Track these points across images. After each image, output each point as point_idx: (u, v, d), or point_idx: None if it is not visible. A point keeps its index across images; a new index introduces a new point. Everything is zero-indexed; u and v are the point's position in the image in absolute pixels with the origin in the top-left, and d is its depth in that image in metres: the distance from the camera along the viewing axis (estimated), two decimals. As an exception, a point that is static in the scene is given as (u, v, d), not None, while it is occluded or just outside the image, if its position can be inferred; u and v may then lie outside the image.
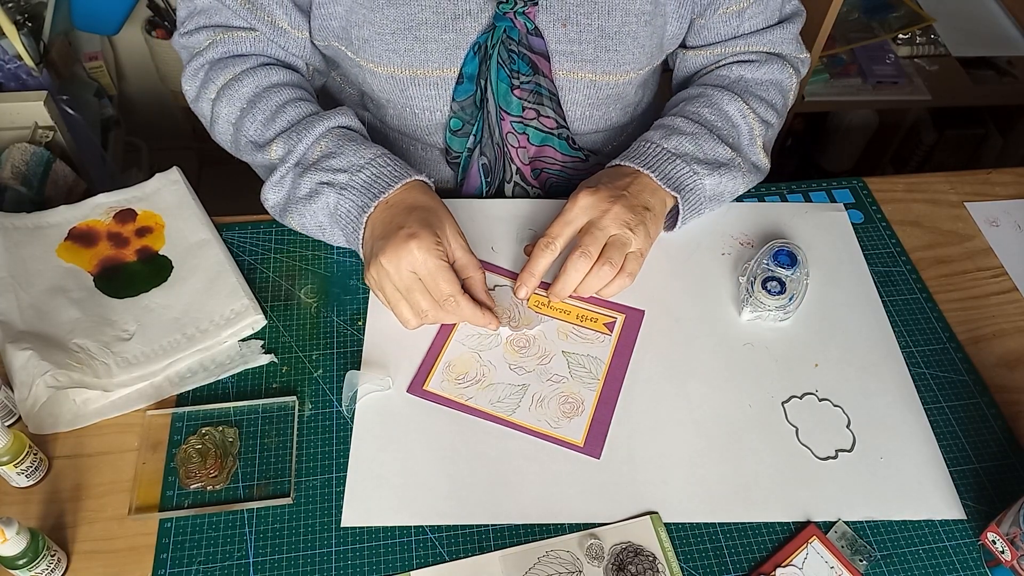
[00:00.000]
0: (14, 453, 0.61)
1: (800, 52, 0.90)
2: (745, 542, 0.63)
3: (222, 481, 0.65)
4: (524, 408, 0.70)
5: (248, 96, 0.79)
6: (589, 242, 0.73)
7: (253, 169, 0.83)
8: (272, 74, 0.80)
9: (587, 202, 0.74)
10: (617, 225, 0.73)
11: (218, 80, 0.80)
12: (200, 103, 0.83)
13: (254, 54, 0.82)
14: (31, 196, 0.99)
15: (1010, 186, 0.92)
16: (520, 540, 0.63)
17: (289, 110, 0.78)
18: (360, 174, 0.73)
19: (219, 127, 0.81)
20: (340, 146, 0.75)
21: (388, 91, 0.82)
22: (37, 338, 0.69)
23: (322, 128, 0.76)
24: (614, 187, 0.75)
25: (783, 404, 0.71)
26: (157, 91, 1.73)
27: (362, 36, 0.78)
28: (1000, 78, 1.56)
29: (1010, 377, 0.75)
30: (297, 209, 0.75)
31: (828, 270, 0.81)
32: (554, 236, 0.74)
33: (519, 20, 0.77)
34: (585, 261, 0.72)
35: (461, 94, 0.81)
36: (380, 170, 0.73)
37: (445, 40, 0.77)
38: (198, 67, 0.82)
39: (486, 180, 0.88)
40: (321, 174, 0.74)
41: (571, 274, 0.73)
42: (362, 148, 0.75)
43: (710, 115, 0.82)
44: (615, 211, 0.73)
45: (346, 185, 0.73)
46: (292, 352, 0.73)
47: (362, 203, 0.72)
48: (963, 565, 0.63)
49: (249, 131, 0.79)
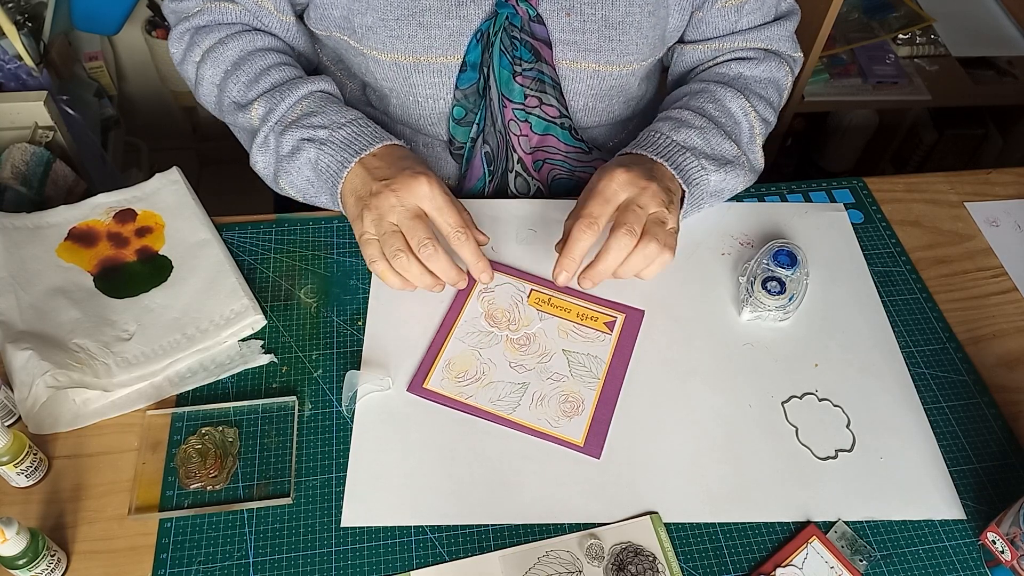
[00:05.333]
0: (14, 453, 0.61)
1: (795, 51, 0.90)
2: (745, 542, 0.63)
3: (222, 481, 0.65)
4: (524, 407, 0.70)
5: (233, 59, 0.81)
6: (633, 220, 0.69)
7: (237, 137, 0.85)
8: (257, 39, 0.82)
9: (625, 178, 0.71)
10: (656, 203, 0.71)
11: (203, 43, 0.82)
12: (185, 65, 0.85)
13: (240, 23, 0.84)
14: (31, 196, 0.98)
15: (1010, 186, 0.92)
16: (520, 540, 0.63)
17: (273, 73, 0.79)
18: (340, 131, 0.74)
19: (203, 88, 0.83)
20: (321, 106, 0.76)
21: (391, 79, 0.82)
22: (37, 338, 0.69)
23: (304, 91, 0.77)
24: (644, 168, 0.73)
25: (783, 404, 0.71)
26: (157, 91, 1.73)
27: (365, 23, 0.78)
28: (1000, 78, 1.56)
29: (1010, 377, 0.75)
30: (284, 168, 0.76)
31: (828, 270, 0.81)
32: (596, 216, 0.70)
33: (521, 7, 0.77)
34: (630, 239, 0.69)
35: (464, 82, 0.81)
36: (361, 129, 0.74)
37: (448, 27, 0.78)
38: (184, 30, 0.84)
39: (489, 169, 0.88)
40: (301, 131, 0.75)
41: (614, 253, 0.69)
42: (343, 109, 0.77)
43: (714, 111, 0.82)
44: (653, 189, 0.71)
45: (326, 140, 0.74)
46: (292, 352, 0.73)
47: (342, 158, 0.73)
48: (963, 565, 0.63)
49: (232, 92, 0.80)
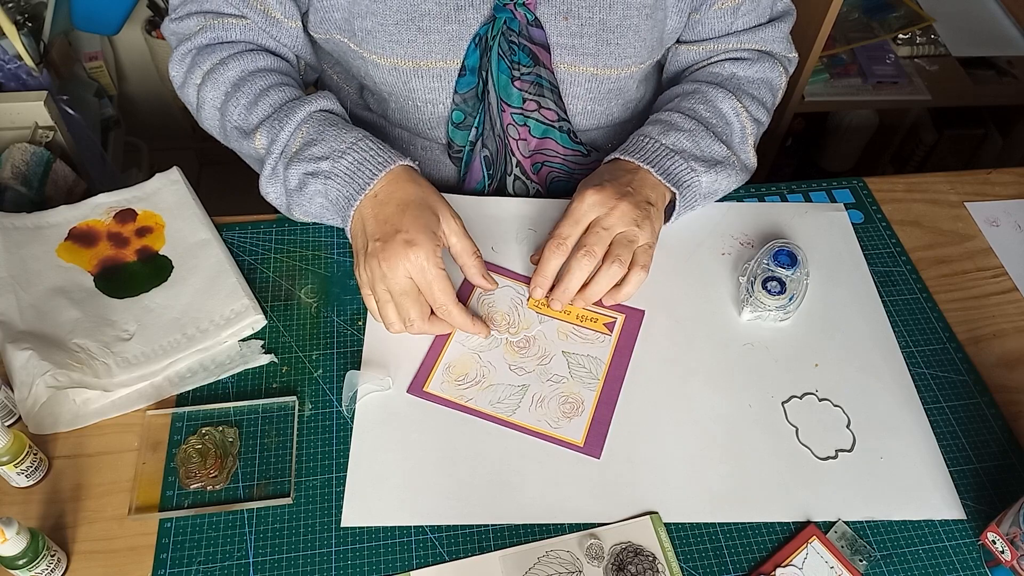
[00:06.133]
0: (14, 453, 0.61)
1: (789, 51, 0.91)
2: (745, 542, 0.63)
3: (222, 481, 0.65)
4: (524, 408, 0.70)
5: (233, 80, 0.79)
6: (593, 241, 0.72)
7: (245, 160, 0.82)
8: (258, 59, 0.80)
9: (594, 199, 0.73)
10: (624, 223, 0.72)
11: (204, 65, 0.80)
12: (186, 89, 0.82)
13: (243, 41, 0.81)
14: (31, 196, 0.99)
15: (1010, 186, 0.92)
16: (520, 540, 0.63)
17: (272, 94, 0.77)
18: (342, 161, 0.72)
19: (205, 113, 0.81)
20: (320, 132, 0.74)
21: (391, 83, 0.82)
22: (37, 338, 0.69)
23: (302, 114, 0.75)
24: (619, 184, 0.74)
25: (783, 404, 0.71)
26: (157, 91, 1.73)
27: (365, 27, 0.78)
28: (1000, 78, 1.56)
29: (1010, 377, 0.75)
30: (296, 201, 0.75)
31: (828, 270, 0.81)
32: (564, 236, 0.72)
33: (519, 11, 0.77)
34: (589, 260, 0.71)
35: (463, 86, 0.81)
36: (362, 155, 0.72)
37: (448, 31, 0.77)
38: (185, 52, 0.81)
39: (488, 173, 0.88)
40: (304, 164, 0.73)
41: (575, 274, 0.72)
42: (342, 132, 0.74)
43: (705, 112, 0.82)
44: (621, 208, 0.72)
45: (330, 173, 0.72)
46: (292, 352, 0.73)
47: (348, 194, 0.71)
48: (963, 565, 0.63)
49: (233, 116, 0.78)
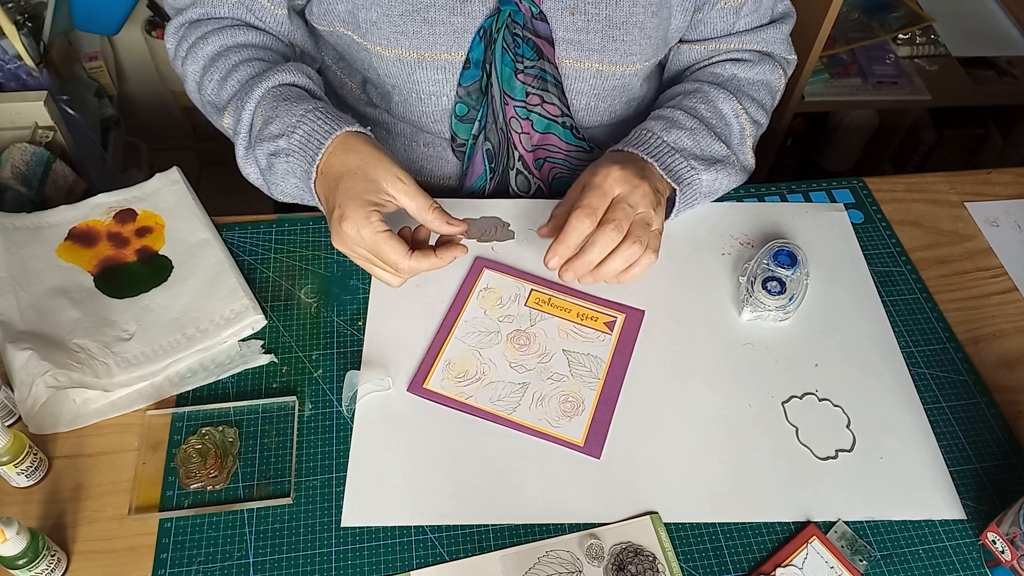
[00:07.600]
0: (14, 453, 0.61)
1: (789, 53, 0.91)
2: (745, 542, 0.63)
3: (222, 481, 0.65)
4: (524, 407, 0.70)
5: (211, 55, 0.80)
6: (621, 216, 0.69)
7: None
8: (238, 34, 0.81)
9: (619, 175, 0.71)
10: (646, 203, 0.71)
11: (190, 38, 0.81)
12: (176, 61, 0.84)
13: (229, 17, 0.82)
14: (31, 196, 0.98)
15: (1010, 186, 0.92)
16: (520, 540, 0.63)
17: (241, 70, 0.78)
18: (294, 135, 0.71)
19: (189, 87, 0.83)
20: (274, 108, 0.73)
21: (395, 75, 0.81)
22: (37, 338, 0.69)
23: (260, 91, 0.75)
24: (636, 167, 0.73)
25: (783, 404, 0.71)
26: (157, 91, 1.73)
27: (370, 19, 0.78)
28: (1000, 78, 1.56)
29: (1010, 377, 0.75)
30: (271, 180, 0.75)
31: (828, 270, 0.81)
32: (595, 207, 0.69)
33: (524, 4, 0.77)
34: (616, 235, 0.69)
35: (467, 79, 0.81)
36: (310, 126, 0.71)
37: (453, 23, 0.77)
38: (178, 25, 0.83)
39: (490, 166, 0.88)
40: (267, 144, 0.73)
41: (599, 247, 0.69)
42: (293, 106, 0.72)
43: (706, 111, 0.82)
44: (643, 189, 0.71)
45: (288, 150, 0.72)
46: (292, 352, 0.73)
47: (305, 168, 0.71)
48: (963, 565, 0.63)
49: (208, 92, 0.79)
